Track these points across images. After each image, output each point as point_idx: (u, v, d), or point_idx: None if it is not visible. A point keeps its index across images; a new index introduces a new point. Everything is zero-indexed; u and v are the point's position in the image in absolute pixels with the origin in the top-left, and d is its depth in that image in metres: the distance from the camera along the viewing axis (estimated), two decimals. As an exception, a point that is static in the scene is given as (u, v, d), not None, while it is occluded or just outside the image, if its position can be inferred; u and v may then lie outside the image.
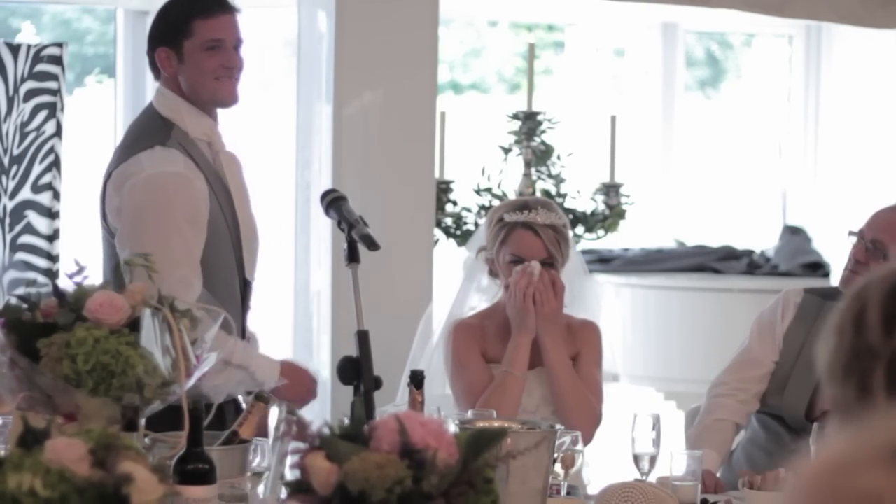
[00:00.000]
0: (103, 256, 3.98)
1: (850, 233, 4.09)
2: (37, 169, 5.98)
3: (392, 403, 4.01)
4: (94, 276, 3.28)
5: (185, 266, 3.78)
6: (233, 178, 3.97)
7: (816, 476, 1.40)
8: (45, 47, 6.11)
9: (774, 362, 4.16)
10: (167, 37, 3.92)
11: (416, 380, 3.44)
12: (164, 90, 3.95)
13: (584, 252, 8.72)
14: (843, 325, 1.85)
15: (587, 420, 4.04)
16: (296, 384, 3.83)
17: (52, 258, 6.01)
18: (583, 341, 4.18)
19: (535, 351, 4.11)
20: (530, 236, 4.10)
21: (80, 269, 3.15)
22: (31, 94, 6.05)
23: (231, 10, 3.93)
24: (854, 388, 1.82)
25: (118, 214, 3.85)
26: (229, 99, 3.95)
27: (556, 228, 4.11)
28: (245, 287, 3.99)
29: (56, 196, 6.01)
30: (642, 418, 3.65)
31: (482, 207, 6.27)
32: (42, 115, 6.04)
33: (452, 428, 2.96)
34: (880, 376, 1.81)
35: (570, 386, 4.07)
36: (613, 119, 6.34)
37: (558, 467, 3.54)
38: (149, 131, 3.90)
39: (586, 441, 3.94)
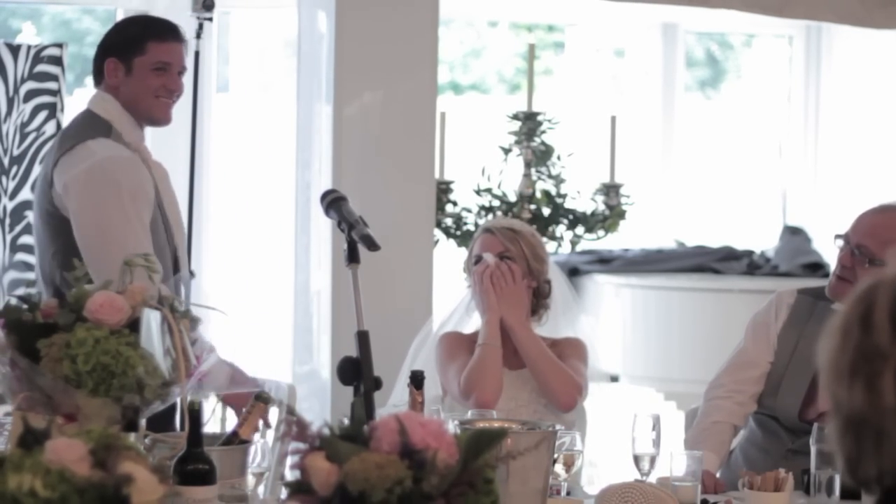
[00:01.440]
0: (39, 245, 4.13)
1: (837, 236, 4.06)
2: (37, 169, 5.97)
3: (392, 404, 4.02)
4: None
5: (146, 243, 3.92)
6: (163, 184, 4.17)
7: None
8: (45, 48, 6.11)
9: (770, 363, 4.15)
10: (120, 49, 4.17)
11: (417, 380, 3.45)
12: (105, 95, 4.17)
13: (584, 252, 8.74)
14: (849, 324, 1.83)
15: (565, 383, 4.21)
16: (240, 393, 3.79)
17: (53, 258, 6.01)
18: (565, 346, 4.35)
19: (517, 353, 4.29)
20: (488, 237, 4.38)
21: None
22: (31, 95, 6.05)
23: (182, 40, 4.22)
24: (861, 389, 1.80)
25: (66, 196, 4.00)
26: (164, 118, 4.21)
27: (514, 229, 4.38)
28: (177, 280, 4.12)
29: (56, 196, 6.01)
30: (642, 418, 3.65)
31: (482, 208, 6.27)
32: (42, 115, 6.04)
33: (452, 428, 2.96)
34: (889, 379, 1.79)
35: (540, 352, 4.25)
36: (613, 119, 6.34)
37: (558, 467, 3.54)
38: (91, 127, 4.11)
39: (569, 406, 4.19)
